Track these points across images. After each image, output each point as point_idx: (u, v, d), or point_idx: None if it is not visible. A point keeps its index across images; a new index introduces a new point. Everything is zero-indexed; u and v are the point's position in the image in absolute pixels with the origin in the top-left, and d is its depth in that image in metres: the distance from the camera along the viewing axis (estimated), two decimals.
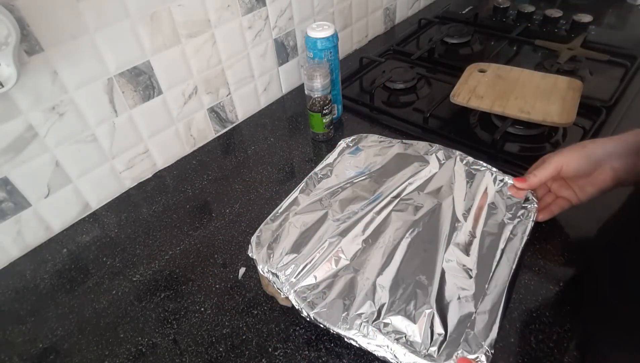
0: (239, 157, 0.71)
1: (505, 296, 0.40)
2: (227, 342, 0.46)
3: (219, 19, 0.67)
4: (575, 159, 0.48)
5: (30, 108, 0.52)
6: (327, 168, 0.58)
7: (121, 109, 0.61)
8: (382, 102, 0.80)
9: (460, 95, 0.69)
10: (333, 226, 0.49)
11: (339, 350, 0.44)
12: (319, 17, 0.84)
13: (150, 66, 0.61)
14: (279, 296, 0.46)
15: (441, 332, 0.38)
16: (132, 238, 0.59)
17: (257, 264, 0.47)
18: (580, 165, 0.48)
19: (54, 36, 0.50)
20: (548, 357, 0.42)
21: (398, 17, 1.09)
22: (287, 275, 0.45)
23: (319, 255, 0.46)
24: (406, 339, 0.38)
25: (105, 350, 0.46)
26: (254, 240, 0.49)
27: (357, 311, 0.41)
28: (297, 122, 0.78)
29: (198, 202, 0.64)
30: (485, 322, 0.38)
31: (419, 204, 0.51)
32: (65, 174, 0.59)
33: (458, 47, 0.95)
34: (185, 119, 0.70)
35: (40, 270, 0.56)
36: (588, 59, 0.81)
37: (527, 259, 0.50)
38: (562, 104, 0.64)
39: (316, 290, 0.43)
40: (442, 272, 0.43)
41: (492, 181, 0.53)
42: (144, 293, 0.52)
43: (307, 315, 0.42)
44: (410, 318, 0.40)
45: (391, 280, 0.43)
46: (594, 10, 0.96)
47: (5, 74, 0.44)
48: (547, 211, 0.52)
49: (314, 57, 0.68)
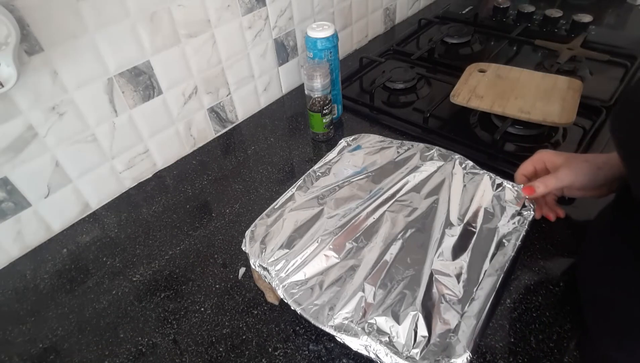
0: (239, 157, 0.71)
1: (492, 301, 0.40)
2: (227, 342, 0.46)
3: (219, 19, 0.67)
4: (586, 176, 0.48)
5: (30, 108, 0.52)
6: (325, 166, 0.58)
7: (121, 109, 0.61)
8: (382, 102, 0.80)
9: (460, 95, 0.69)
10: (327, 224, 0.49)
11: (339, 350, 0.44)
12: (319, 17, 0.84)
13: (150, 66, 0.61)
14: (268, 292, 0.47)
15: (425, 335, 0.39)
16: (132, 238, 0.59)
17: (249, 258, 0.47)
18: (589, 183, 0.48)
19: (54, 36, 0.50)
20: (548, 357, 0.42)
21: (398, 17, 1.09)
22: (277, 270, 0.45)
23: (310, 252, 0.46)
24: (389, 340, 0.39)
25: (105, 350, 0.46)
26: (248, 234, 0.49)
27: (343, 310, 0.41)
28: (297, 122, 0.78)
29: (198, 202, 0.64)
30: (470, 326, 0.38)
31: (414, 206, 0.51)
32: (65, 174, 0.59)
33: (458, 47, 0.95)
34: (185, 119, 0.70)
35: (40, 270, 0.56)
36: (588, 59, 0.81)
37: (527, 259, 0.50)
38: (562, 104, 0.64)
39: (304, 286, 0.44)
40: (431, 275, 0.43)
41: (490, 185, 0.53)
42: (144, 293, 0.52)
43: (294, 309, 0.42)
44: (396, 319, 0.40)
45: (380, 280, 0.43)
46: (594, 10, 0.96)
47: (5, 74, 0.44)
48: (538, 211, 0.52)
49: (314, 57, 0.68)
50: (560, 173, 0.48)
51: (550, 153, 0.51)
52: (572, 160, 0.49)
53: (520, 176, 0.53)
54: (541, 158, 0.51)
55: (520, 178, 0.53)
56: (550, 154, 0.51)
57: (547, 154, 0.51)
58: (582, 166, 0.48)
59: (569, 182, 0.48)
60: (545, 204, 0.54)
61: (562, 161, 0.49)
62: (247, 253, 0.48)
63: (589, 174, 0.47)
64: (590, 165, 0.48)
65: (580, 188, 0.49)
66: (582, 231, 0.52)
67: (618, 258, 0.40)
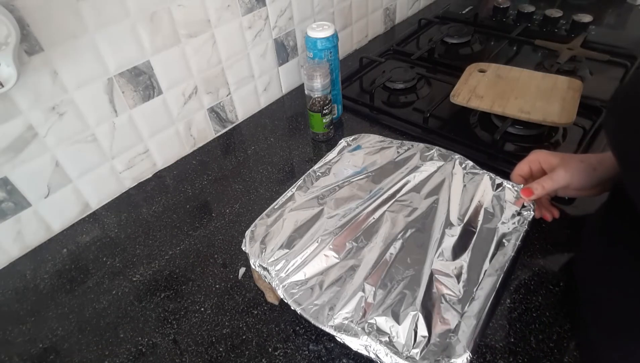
0: (239, 157, 0.71)
1: (492, 301, 0.40)
2: (227, 342, 0.46)
3: (219, 19, 0.67)
4: (582, 177, 0.48)
5: (30, 108, 0.52)
6: (325, 166, 0.58)
7: (121, 109, 0.61)
8: (382, 102, 0.80)
9: (460, 95, 0.69)
10: (327, 224, 0.49)
11: (339, 350, 0.44)
12: (319, 17, 0.84)
13: (150, 66, 0.61)
14: (268, 292, 0.47)
15: (425, 335, 0.39)
16: (132, 238, 0.59)
17: (249, 258, 0.47)
18: (585, 183, 0.48)
19: (54, 36, 0.50)
20: (548, 357, 0.42)
21: (398, 17, 1.09)
22: (277, 270, 0.45)
23: (310, 252, 0.46)
24: (389, 340, 0.39)
25: (105, 350, 0.46)
26: (248, 234, 0.49)
27: (343, 310, 0.41)
28: (297, 122, 0.78)
29: (198, 202, 0.64)
30: (470, 326, 0.38)
31: (414, 206, 0.51)
32: (65, 174, 0.59)
33: (458, 47, 0.95)
34: (185, 119, 0.70)
35: (40, 270, 0.56)
36: (588, 59, 0.81)
37: (527, 259, 0.50)
38: (562, 104, 0.64)
39: (304, 286, 0.44)
40: (431, 275, 0.43)
41: (490, 186, 0.53)
42: (144, 293, 0.52)
43: (294, 309, 0.42)
44: (396, 319, 0.40)
45: (380, 280, 0.43)
46: (594, 10, 0.96)
47: (5, 74, 0.44)
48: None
49: (314, 57, 0.68)
50: (556, 174, 0.48)
51: (546, 154, 0.51)
52: (568, 160, 0.49)
53: (516, 177, 0.53)
54: (537, 159, 0.52)
55: (517, 178, 0.53)
56: (545, 154, 0.51)
57: (542, 155, 0.51)
58: (578, 166, 0.48)
59: (565, 183, 0.48)
60: (541, 204, 0.54)
61: (557, 161, 0.49)
62: (247, 253, 0.48)
63: (584, 174, 0.48)
64: (586, 165, 0.48)
65: (576, 188, 0.49)
66: (581, 230, 0.52)
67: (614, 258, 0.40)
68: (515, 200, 0.50)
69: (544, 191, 0.48)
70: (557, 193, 0.53)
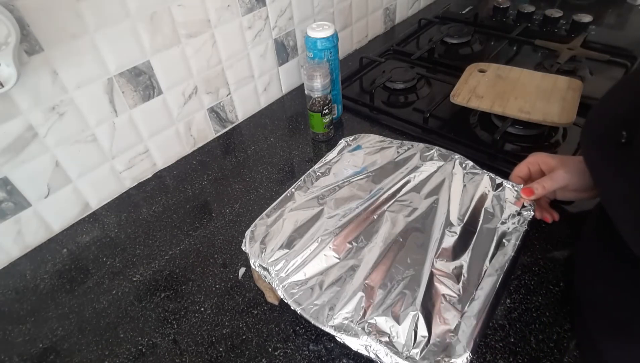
0: (239, 157, 0.71)
1: (492, 301, 0.40)
2: (227, 342, 0.46)
3: (219, 19, 0.67)
4: (581, 178, 0.48)
5: (30, 108, 0.52)
6: (325, 166, 0.58)
7: (121, 109, 0.61)
8: (382, 102, 0.80)
9: (460, 95, 0.69)
10: (327, 224, 0.49)
11: (339, 350, 0.44)
12: (319, 17, 0.84)
13: (150, 66, 0.61)
14: (268, 292, 0.47)
15: (425, 335, 0.39)
16: (132, 238, 0.59)
17: (249, 258, 0.47)
18: (584, 184, 0.48)
19: (54, 36, 0.50)
20: (548, 357, 0.42)
21: (398, 17, 1.09)
22: (277, 270, 0.45)
23: (310, 252, 0.46)
24: (389, 340, 0.39)
25: (105, 350, 0.46)
26: (248, 234, 0.49)
27: (343, 310, 0.41)
28: (297, 122, 0.78)
29: (198, 202, 0.64)
30: (470, 326, 0.38)
31: (414, 206, 0.51)
32: (65, 174, 0.59)
33: (458, 47, 0.95)
34: (185, 119, 0.70)
35: (40, 270, 0.56)
36: (588, 59, 0.81)
37: (527, 259, 0.50)
38: (562, 104, 0.64)
39: (304, 286, 0.44)
40: (431, 275, 0.43)
41: (490, 186, 0.53)
42: (144, 293, 0.52)
43: (294, 309, 0.42)
44: (396, 319, 0.40)
45: (380, 280, 0.43)
46: (594, 10, 0.96)
47: (5, 74, 0.44)
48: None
49: (314, 57, 0.68)
50: (556, 174, 0.49)
51: (545, 156, 0.51)
52: (567, 162, 0.49)
53: (515, 178, 0.53)
54: (535, 160, 0.52)
55: (516, 180, 0.53)
56: (544, 156, 0.51)
57: (541, 157, 0.52)
58: (577, 167, 0.48)
59: (565, 183, 0.48)
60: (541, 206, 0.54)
61: (556, 163, 0.50)
62: (247, 253, 0.48)
63: (584, 175, 0.48)
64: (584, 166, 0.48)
65: (575, 189, 0.49)
66: (581, 230, 0.52)
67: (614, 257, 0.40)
68: (516, 200, 0.50)
69: (544, 191, 0.48)
70: (556, 195, 0.53)
